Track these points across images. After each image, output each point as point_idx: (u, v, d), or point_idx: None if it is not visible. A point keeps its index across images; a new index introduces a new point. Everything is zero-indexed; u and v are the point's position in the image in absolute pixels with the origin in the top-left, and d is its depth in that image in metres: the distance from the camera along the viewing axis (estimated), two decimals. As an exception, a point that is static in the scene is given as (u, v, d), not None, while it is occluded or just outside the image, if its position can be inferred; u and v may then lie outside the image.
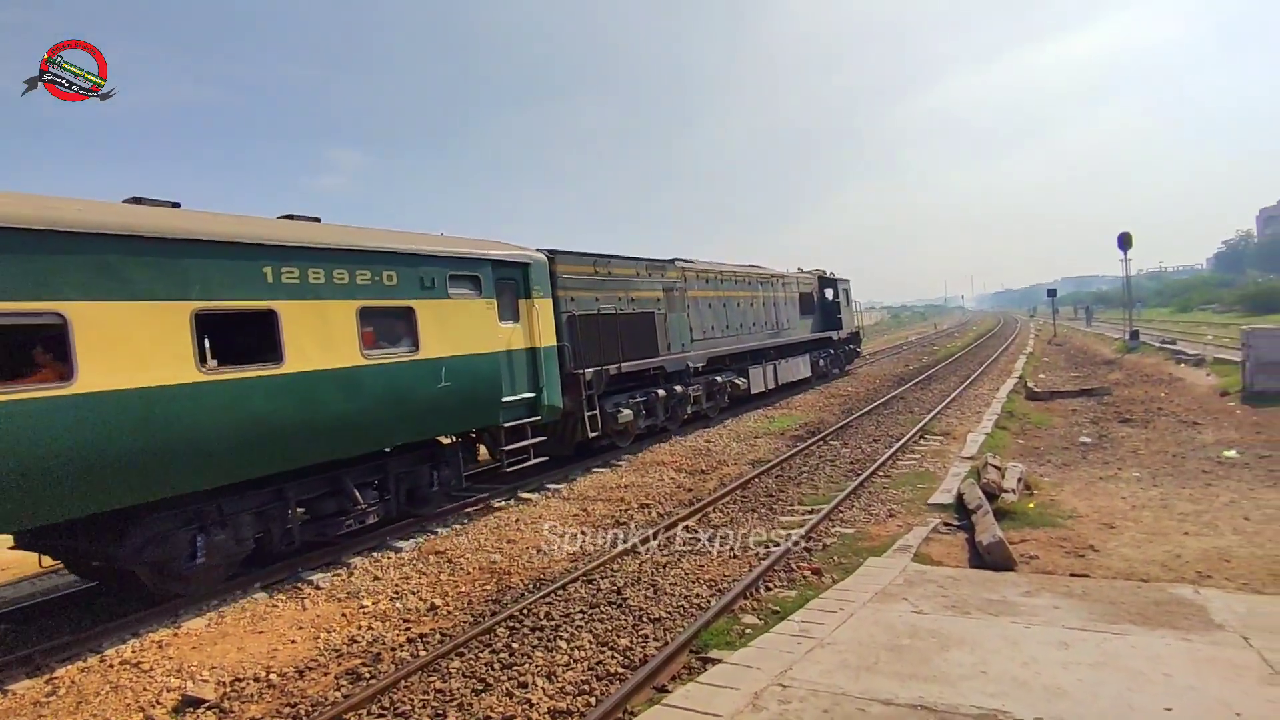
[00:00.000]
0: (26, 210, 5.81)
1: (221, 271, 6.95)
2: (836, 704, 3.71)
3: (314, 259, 7.78)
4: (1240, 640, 4.18)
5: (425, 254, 9.21)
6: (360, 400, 8.09)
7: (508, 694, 4.86)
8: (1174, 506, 7.89)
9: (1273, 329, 15.02)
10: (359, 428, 8.14)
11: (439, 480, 9.71)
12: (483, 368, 9.80)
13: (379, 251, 8.57)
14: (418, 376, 8.81)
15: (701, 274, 17.47)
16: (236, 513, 7.35)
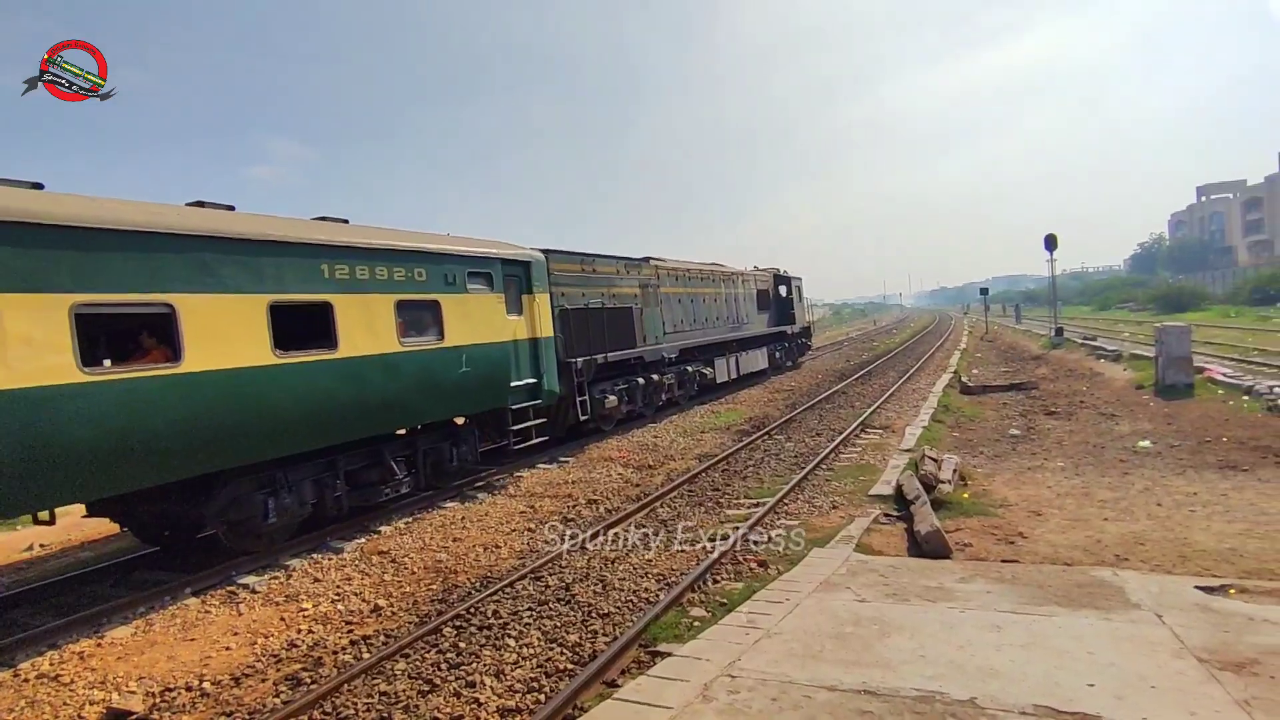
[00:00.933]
0: (140, 216, 6.80)
1: (291, 268, 7.98)
2: (784, 692, 3.80)
3: (361, 258, 8.84)
4: (1154, 618, 4.46)
5: (448, 253, 10.28)
6: (398, 382, 9.15)
7: (455, 694, 4.79)
8: (1095, 494, 8.34)
9: (1182, 327, 15.98)
10: (397, 407, 9.23)
11: (457, 456, 10.84)
12: (495, 355, 10.93)
13: (412, 251, 9.65)
14: (443, 362, 9.93)
15: (672, 272, 18.79)
16: (299, 480, 8.37)
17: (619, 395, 15.12)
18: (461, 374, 10.17)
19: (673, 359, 17.86)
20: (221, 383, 7.17)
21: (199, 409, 6.95)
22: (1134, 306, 60.52)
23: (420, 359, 9.52)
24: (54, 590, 7.53)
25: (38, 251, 5.93)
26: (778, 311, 26.91)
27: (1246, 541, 6.41)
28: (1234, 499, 7.75)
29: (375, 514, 9.42)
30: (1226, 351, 21.75)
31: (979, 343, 35.76)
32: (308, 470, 8.50)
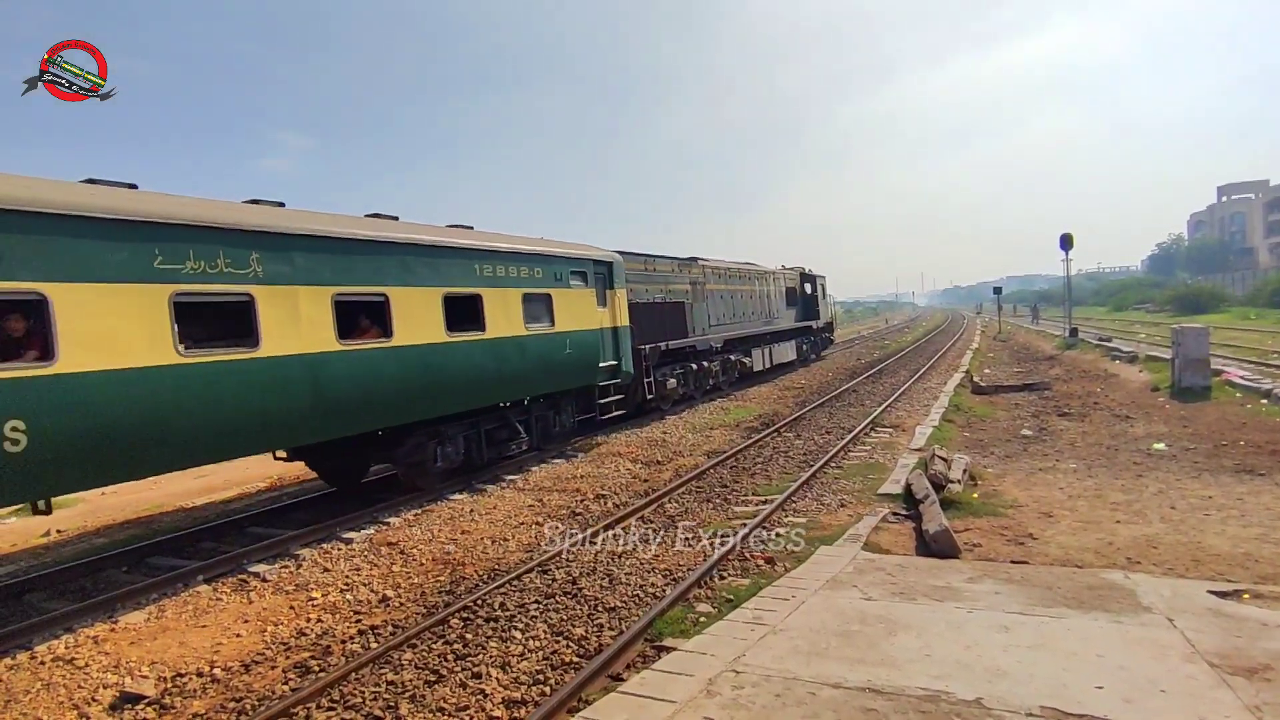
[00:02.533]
0: (369, 231, 9.04)
1: (457, 268, 10.25)
2: (788, 688, 3.79)
3: (500, 259, 11.04)
4: (1166, 622, 4.41)
5: (557, 255, 12.49)
6: (523, 360, 11.24)
7: (461, 685, 4.82)
8: (1107, 496, 8.25)
9: (1200, 328, 15.76)
10: (522, 380, 11.36)
11: (559, 423, 12.89)
12: (589, 340, 13.02)
13: (533, 254, 11.88)
14: (554, 345, 12.03)
15: (715, 270, 20.79)
16: (455, 435, 10.46)
17: (677, 379, 17.45)
18: (566, 354, 12.30)
19: (718, 349, 19.88)
20: (417, 354, 9.31)
21: (402, 374, 9.10)
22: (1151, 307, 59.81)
23: (538, 341, 11.64)
24: (69, 575, 7.64)
25: (320, 255, 8.31)
26: (804, 307, 28.67)
27: (1262, 546, 6.32)
28: (1250, 503, 7.65)
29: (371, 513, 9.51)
30: (1245, 354, 21.46)
31: (992, 342, 35.47)
32: (460, 428, 10.60)
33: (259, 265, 7.60)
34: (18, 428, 5.66)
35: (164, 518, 10.39)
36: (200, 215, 7.25)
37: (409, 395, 9.23)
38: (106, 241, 6.38)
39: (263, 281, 7.62)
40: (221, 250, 7.26)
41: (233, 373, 7.31)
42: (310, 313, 8.05)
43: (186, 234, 6.99)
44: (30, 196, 5.97)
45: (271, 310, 7.65)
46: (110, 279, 6.38)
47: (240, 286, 7.42)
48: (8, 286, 5.76)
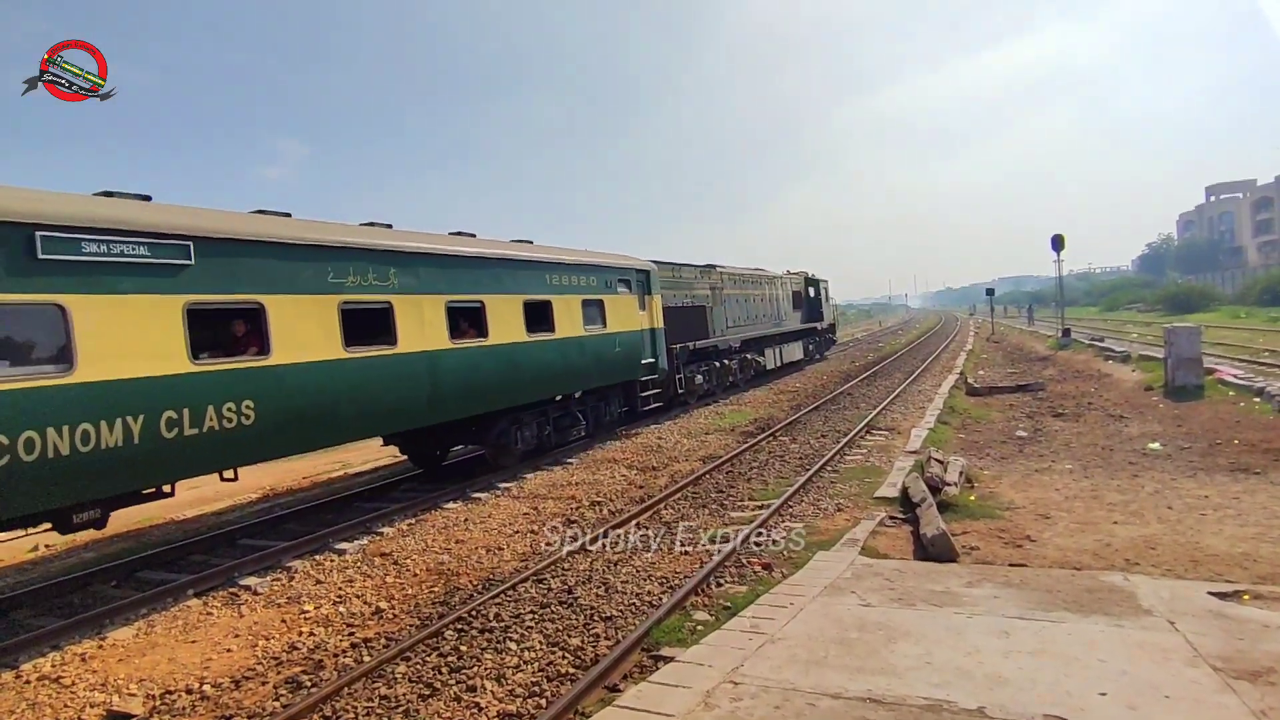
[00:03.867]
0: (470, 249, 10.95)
1: (533, 278, 12.10)
2: (787, 700, 3.73)
3: (565, 270, 12.92)
4: (1167, 625, 4.38)
5: (607, 265, 14.44)
6: (583, 357, 13.09)
7: (456, 698, 4.74)
8: (1104, 497, 8.23)
9: (1192, 327, 15.81)
10: (582, 374, 13.23)
11: (608, 412, 14.71)
12: (634, 340, 14.91)
13: (589, 264, 13.80)
14: (606, 344, 13.88)
15: (731, 276, 22.50)
16: (530, 421, 12.28)
17: (703, 375, 19.28)
18: (615, 352, 14.16)
19: (736, 348, 21.65)
20: (505, 351, 11.08)
21: (495, 368, 10.85)
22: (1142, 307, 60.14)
23: (594, 341, 13.46)
24: (57, 591, 7.52)
25: (436, 270, 10.09)
26: (809, 310, 30.44)
27: (1260, 545, 6.30)
28: (1246, 502, 7.64)
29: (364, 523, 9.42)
30: (1237, 353, 21.57)
31: (985, 344, 35.57)
32: (534, 416, 12.37)
33: (395, 279, 9.37)
34: (251, 406, 7.49)
35: (154, 530, 10.27)
36: (358, 240, 9.07)
37: (499, 386, 11.04)
38: (300, 263, 8.22)
39: (398, 292, 9.39)
40: (370, 267, 9.05)
41: (378, 366, 9.04)
42: (430, 317, 9.86)
43: (349, 255, 8.82)
44: (253, 230, 7.87)
45: (404, 315, 9.45)
46: (301, 291, 8.18)
47: (383, 296, 9.19)
48: (240, 297, 7.60)
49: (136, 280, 6.75)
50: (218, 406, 7.21)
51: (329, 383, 8.36)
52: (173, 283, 7.02)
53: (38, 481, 5.93)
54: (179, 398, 6.90)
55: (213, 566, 7.89)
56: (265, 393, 7.62)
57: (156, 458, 6.79)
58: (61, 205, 6.41)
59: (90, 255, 6.42)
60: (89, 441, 6.21)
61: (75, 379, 6.16)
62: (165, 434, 6.78)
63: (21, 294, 5.96)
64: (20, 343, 6.12)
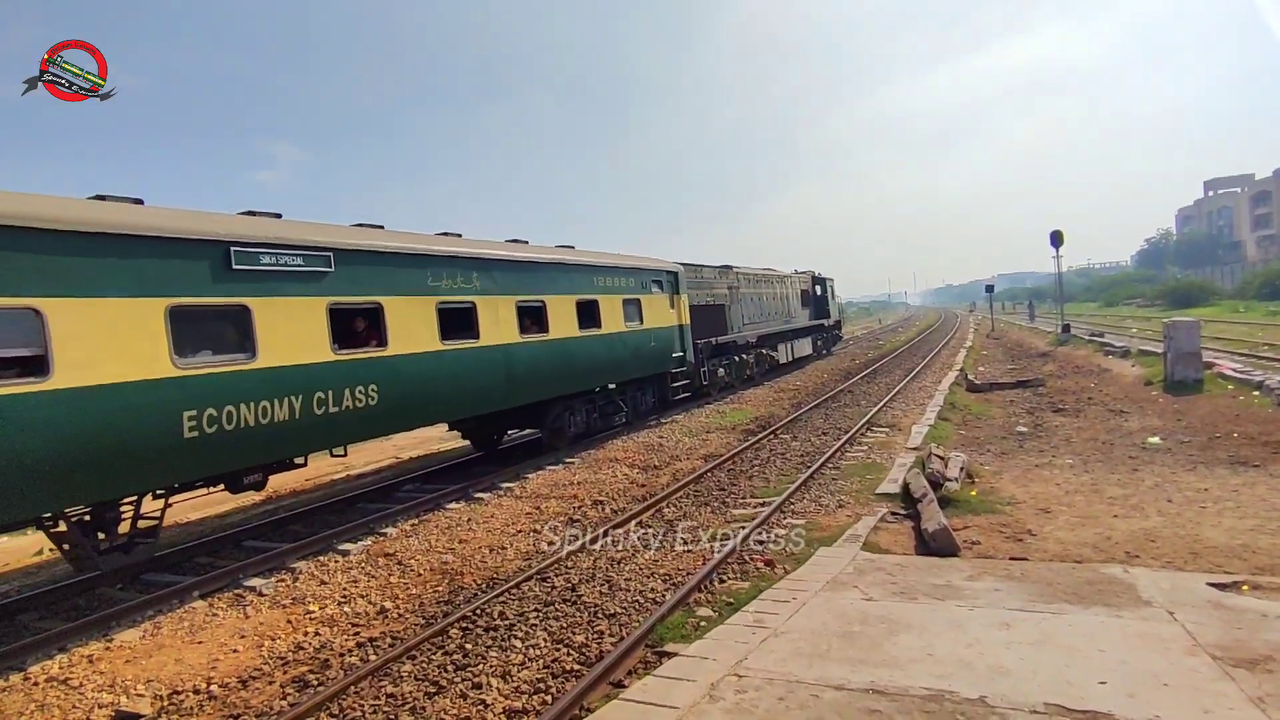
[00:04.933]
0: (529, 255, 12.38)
1: (583, 279, 13.61)
2: (791, 691, 3.77)
3: (609, 273, 14.48)
4: (1166, 615, 4.42)
5: (643, 268, 16.01)
6: (625, 350, 14.60)
7: (461, 695, 4.78)
8: (1104, 491, 8.27)
9: (1191, 322, 15.84)
10: (624, 366, 14.73)
11: (644, 401, 16.28)
12: (666, 335, 16.41)
13: (629, 267, 15.40)
14: (644, 338, 15.40)
15: (746, 276, 23.78)
16: (580, 408, 13.77)
17: (724, 368, 20.85)
18: (651, 346, 15.67)
19: (753, 344, 23.14)
20: (562, 345, 12.57)
21: (553, 360, 12.30)
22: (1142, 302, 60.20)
23: (634, 336, 14.98)
24: (63, 594, 7.55)
25: (508, 274, 11.60)
26: (816, 307, 31.70)
27: (1258, 537, 6.34)
28: (1245, 495, 7.68)
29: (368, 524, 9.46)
30: (1236, 346, 21.60)
31: (985, 340, 35.60)
32: (583, 403, 13.85)
33: (477, 282, 10.89)
34: (375, 389, 8.89)
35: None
36: (451, 249, 10.58)
37: (557, 376, 12.50)
38: (408, 269, 9.70)
39: (480, 293, 10.89)
40: (459, 272, 10.53)
41: (466, 357, 10.46)
42: (504, 314, 11.36)
43: (443, 262, 10.32)
44: (375, 242, 9.36)
45: (485, 313, 10.94)
46: (409, 293, 9.66)
47: (468, 297, 10.67)
48: (365, 299, 9.07)
49: (295, 285, 8.23)
50: (352, 389, 8.65)
51: (430, 371, 9.84)
52: (319, 286, 8.49)
53: (232, 446, 7.42)
54: (325, 381, 8.36)
55: (218, 568, 7.93)
56: (385, 378, 9.08)
57: (310, 431, 8.26)
58: (246, 226, 8.04)
59: (265, 265, 7.89)
60: (267, 415, 7.72)
61: (257, 365, 7.68)
62: (316, 411, 8.24)
63: (221, 297, 7.49)
64: (219, 336, 7.60)
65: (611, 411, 14.92)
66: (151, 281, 6.88)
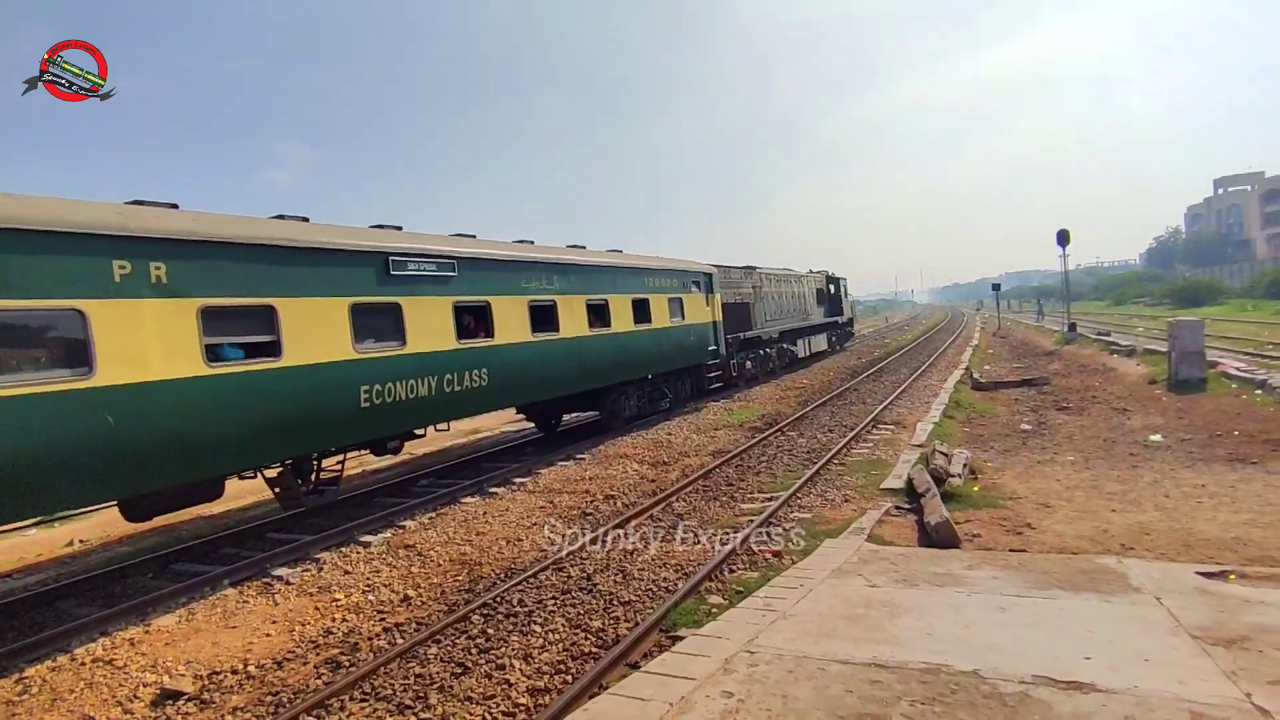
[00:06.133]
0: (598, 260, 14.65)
1: (637, 280, 15.60)
2: (800, 664, 4.04)
3: (657, 274, 16.47)
4: (1154, 601, 4.66)
5: (684, 270, 17.90)
6: (669, 344, 16.54)
7: (486, 675, 5.06)
8: (1103, 487, 8.48)
9: (1195, 321, 15.99)
10: (668, 357, 16.64)
11: (684, 390, 18.17)
12: (702, 330, 18.31)
13: (673, 269, 17.38)
14: (685, 334, 17.36)
15: (768, 276, 25.31)
16: (633, 393, 15.71)
17: (751, 361, 22.67)
18: (690, 341, 17.61)
19: (775, 339, 24.76)
20: (621, 338, 14.55)
21: (615, 351, 14.25)
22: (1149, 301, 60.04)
23: (677, 331, 16.94)
24: (98, 582, 7.89)
25: (580, 276, 13.56)
26: (830, 305, 33.10)
27: (1251, 531, 6.56)
28: (1241, 490, 7.88)
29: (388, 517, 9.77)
30: (1242, 346, 21.69)
31: (991, 339, 35.70)
32: (635, 389, 15.80)
33: (557, 283, 12.76)
34: (486, 373, 10.73)
35: (184, 525, 10.64)
36: (538, 255, 12.50)
37: (616, 365, 14.40)
38: (508, 273, 11.68)
39: (560, 293, 12.78)
40: (544, 275, 12.44)
41: (550, 346, 12.35)
42: (577, 311, 13.24)
43: (532, 266, 12.19)
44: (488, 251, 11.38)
45: (563, 310, 12.77)
46: (509, 293, 11.57)
47: (550, 296, 12.53)
48: (479, 298, 10.91)
49: (431, 287, 10.03)
50: (470, 372, 10.48)
51: (525, 358, 11.75)
52: (447, 288, 10.32)
53: (390, 416, 9.19)
54: (452, 365, 10.17)
55: (245, 558, 8.25)
56: (492, 364, 10.92)
57: (441, 405, 10.06)
58: (399, 240, 9.85)
59: (411, 271, 9.69)
60: (413, 392, 9.49)
61: (406, 351, 9.47)
62: (445, 389, 10.03)
63: (383, 296, 9.28)
64: (381, 327, 9.24)
65: (658, 398, 16.84)
66: (339, 284, 8.70)
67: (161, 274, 6.90)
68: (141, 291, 6.73)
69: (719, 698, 3.73)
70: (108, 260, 6.52)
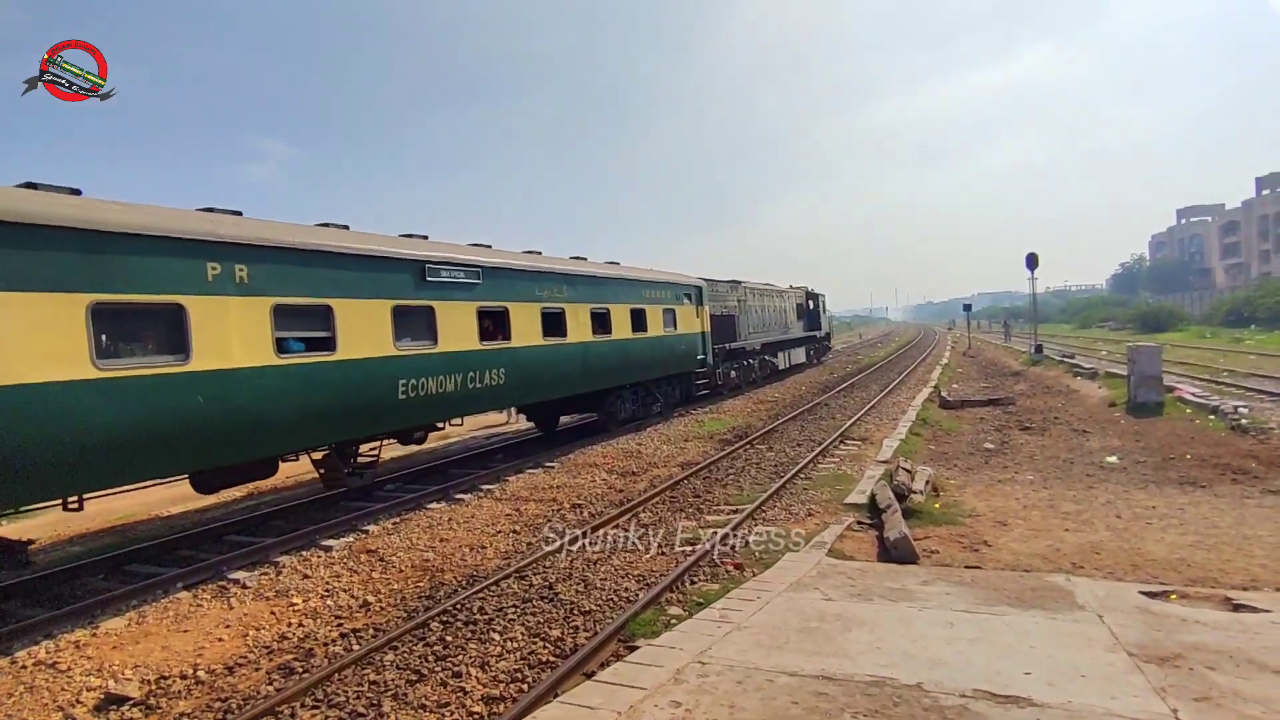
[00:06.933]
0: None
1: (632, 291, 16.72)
2: (749, 676, 4.10)
3: (653, 286, 17.75)
4: (1096, 618, 4.80)
5: (676, 282, 19.22)
6: (662, 351, 17.75)
7: (442, 683, 5.03)
8: (1059, 506, 8.68)
9: (1153, 347, 16.46)
10: (661, 364, 17.78)
11: (674, 395, 19.25)
12: (692, 340, 19.45)
13: (666, 281, 18.68)
14: (677, 342, 18.53)
15: (752, 290, 26.37)
16: (629, 397, 16.81)
17: (735, 371, 23.67)
18: (682, 349, 18.75)
19: (757, 350, 25.75)
20: (621, 345, 15.58)
21: (615, 356, 15.35)
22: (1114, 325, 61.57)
23: (670, 340, 18.09)
24: (46, 583, 7.70)
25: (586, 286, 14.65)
26: (809, 320, 34.40)
27: (1195, 552, 6.76)
28: (1190, 513, 8.12)
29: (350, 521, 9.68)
30: (1198, 371, 22.35)
31: (961, 358, 36.34)
32: (630, 393, 16.85)
33: (567, 291, 13.87)
34: (503, 373, 11.74)
35: (139, 526, 10.42)
36: (551, 266, 13.71)
37: (616, 370, 15.42)
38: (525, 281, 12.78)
39: (568, 301, 13.83)
40: (554, 284, 13.56)
41: (559, 350, 13.41)
42: (583, 318, 14.27)
43: (545, 276, 13.35)
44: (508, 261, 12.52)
45: (571, 317, 13.80)
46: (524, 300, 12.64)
47: (560, 304, 13.56)
48: (498, 304, 11.94)
49: (459, 292, 11.02)
50: (490, 371, 11.43)
51: (537, 360, 12.74)
52: (472, 294, 11.31)
53: (421, 408, 10.23)
54: (475, 365, 11.12)
55: (200, 561, 8.11)
56: (509, 365, 11.89)
57: (464, 401, 11.03)
58: (433, 249, 10.91)
59: (443, 278, 10.70)
60: (442, 387, 10.45)
61: (438, 350, 10.47)
62: (469, 386, 11.00)
63: (419, 300, 10.28)
64: (417, 328, 10.24)
65: (650, 402, 17.91)
66: (383, 288, 9.68)
67: (244, 275, 7.88)
68: (228, 289, 7.72)
69: (667, 707, 3.77)
70: (203, 262, 7.53)
